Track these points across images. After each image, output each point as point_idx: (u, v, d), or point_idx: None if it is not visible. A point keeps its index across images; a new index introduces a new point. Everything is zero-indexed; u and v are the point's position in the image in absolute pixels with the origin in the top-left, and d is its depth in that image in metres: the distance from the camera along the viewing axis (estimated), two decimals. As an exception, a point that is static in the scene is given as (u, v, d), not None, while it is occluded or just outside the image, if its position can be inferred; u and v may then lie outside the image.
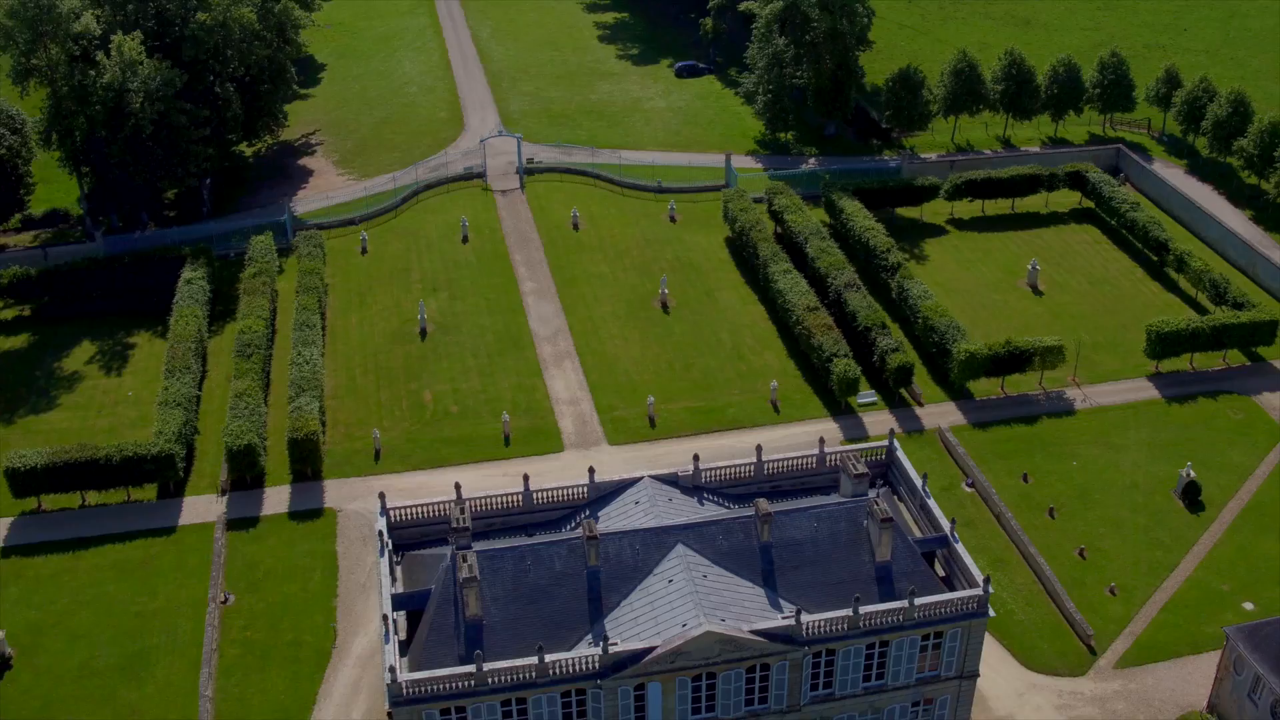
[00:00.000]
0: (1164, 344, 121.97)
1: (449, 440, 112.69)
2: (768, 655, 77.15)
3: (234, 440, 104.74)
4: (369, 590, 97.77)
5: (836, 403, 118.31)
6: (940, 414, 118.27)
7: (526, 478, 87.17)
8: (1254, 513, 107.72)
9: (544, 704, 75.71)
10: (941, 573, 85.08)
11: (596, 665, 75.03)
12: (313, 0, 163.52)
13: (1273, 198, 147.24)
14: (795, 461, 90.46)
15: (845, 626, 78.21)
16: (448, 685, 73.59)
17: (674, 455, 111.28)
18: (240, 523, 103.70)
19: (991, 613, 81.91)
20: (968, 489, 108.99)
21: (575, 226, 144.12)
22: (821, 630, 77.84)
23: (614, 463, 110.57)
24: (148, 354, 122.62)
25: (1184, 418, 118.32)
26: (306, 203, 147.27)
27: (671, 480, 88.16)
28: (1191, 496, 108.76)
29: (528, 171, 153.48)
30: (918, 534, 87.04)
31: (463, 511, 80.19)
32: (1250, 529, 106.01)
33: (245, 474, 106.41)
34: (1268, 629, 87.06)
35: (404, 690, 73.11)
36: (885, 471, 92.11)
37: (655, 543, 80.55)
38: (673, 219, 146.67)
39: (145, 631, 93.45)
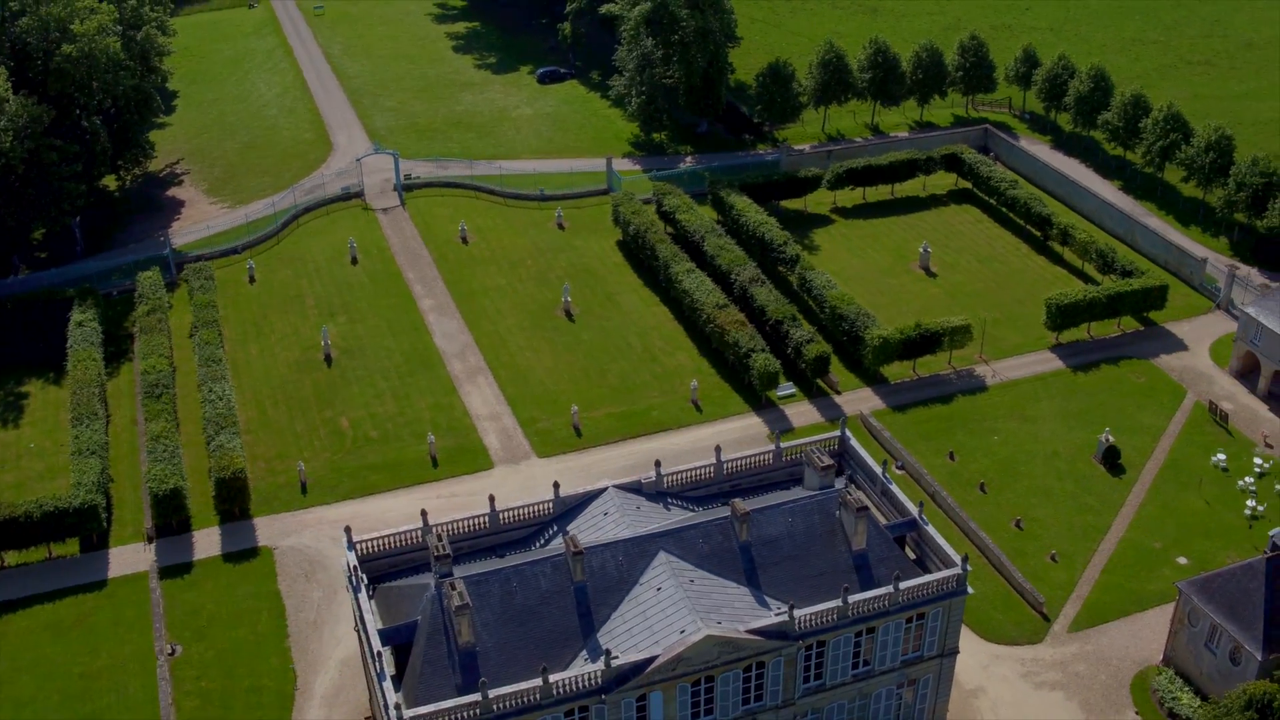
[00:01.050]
0: (1063, 315, 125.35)
1: (375, 466, 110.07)
2: (764, 653, 76.94)
3: (159, 485, 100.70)
4: (321, 628, 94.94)
5: (757, 397, 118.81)
6: (858, 400, 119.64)
7: (492, 498, 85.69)
8: (1171, 471, 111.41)
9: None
10: (912, 555, 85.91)
11: (600, 680, 73.88)
12: (167, 26, 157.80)
13: (1140, 167, 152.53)
14: (754, 459, 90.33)
15: (835, 617, 78.43)
16: (454, 717, 71.60)
17: (606, 463, 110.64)
18: (173, 570, 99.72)
19: (970, 590, 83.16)
20: (898, 471, 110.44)
21: (464, 240, 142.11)
22: (813, 623, 77.89)
23: (546, 475, 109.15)
24: (44, 402, 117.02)
25: (1090, 385, 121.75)
26: (183, 234, 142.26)
27: (635, 488, 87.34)
28: (1112, 460, 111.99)
29: (406, 188, 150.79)
30: (881, 520, 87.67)
31: (440, 539, 78.14)
32: (1170, 487, 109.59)
33: (172, 519, 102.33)
34: (1219, 580, 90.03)
35: (409, 723, 70.91)
36: (839, 461, 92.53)
37: (637, 552, 79.64)
38: (561, 226, 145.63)
39: (93, 693, 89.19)
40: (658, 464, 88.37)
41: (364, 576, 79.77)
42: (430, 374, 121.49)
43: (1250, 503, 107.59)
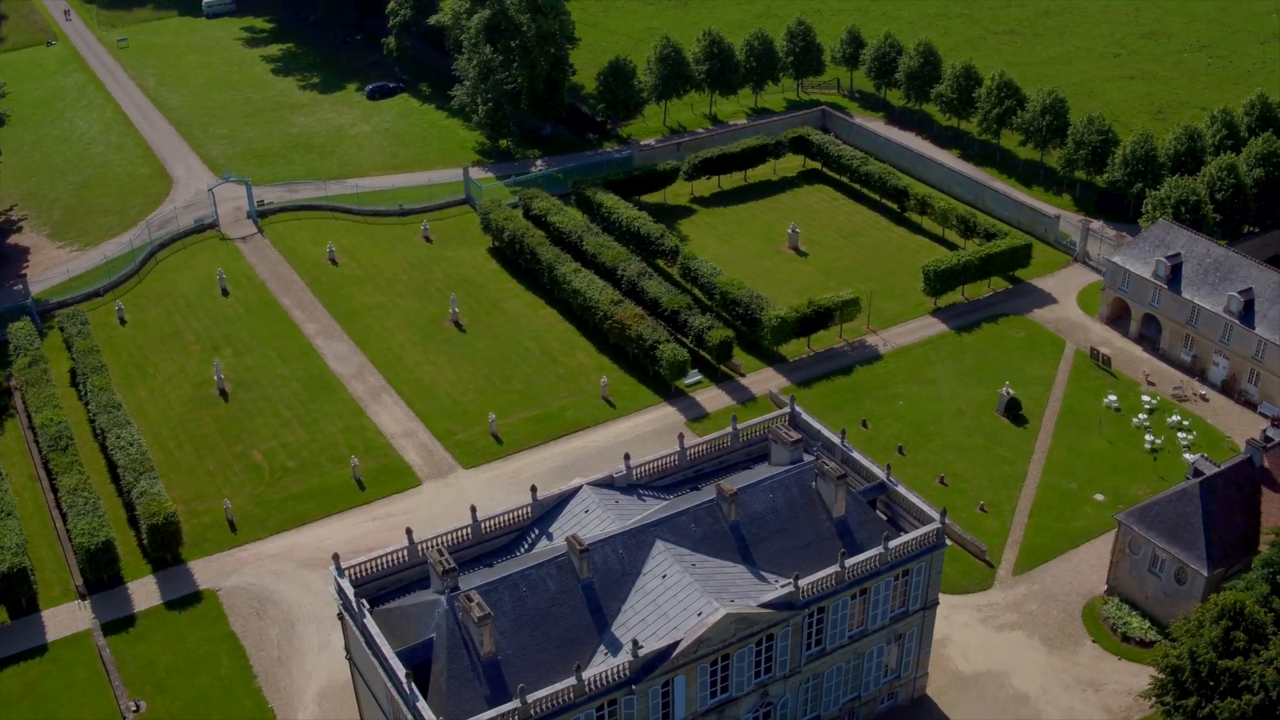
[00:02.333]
0: (940, 280, 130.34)
1: (300, 496, 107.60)
2: (774, 625, 78.46)
3: (89, 539, 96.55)
4: (287, 663, 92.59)
5: (665, 387, 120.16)
6: (763, 380, 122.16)
7: (474, 509, 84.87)
8: (1069, 416, 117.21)
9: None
10: (884, 516, 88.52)
11: (628, 672, 74.27)
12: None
13: (976, 135, 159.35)
14: (714, 443, 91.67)
15: (835, 582, 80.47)
16: (497, 732, 71.02)
17: (533, 467, 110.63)
18: (116, 625, 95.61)
19: (947, 542, 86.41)
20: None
21: (333, 261, 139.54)
22: (816, 590, 79.75)
23: (477, 485, 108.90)
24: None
25: (976, 344, 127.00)
26: (39, 281, 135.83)
27: (608, 484, 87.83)
28: (1014, 412, 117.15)
29: (261, 214, 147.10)
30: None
31: (441, 554, 77.28)
32: (1072, 431, 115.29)
33: (104, 573, 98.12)
34: (1155, 509, 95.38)
35: (450, 747, 69.99)
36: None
37: (635, 543, 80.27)
38: (428, 239, 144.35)
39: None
40: (626, 457, 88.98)
41: (365, 602, 78.07)
42: (332, 398, 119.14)
43: (1149, 437, 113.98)
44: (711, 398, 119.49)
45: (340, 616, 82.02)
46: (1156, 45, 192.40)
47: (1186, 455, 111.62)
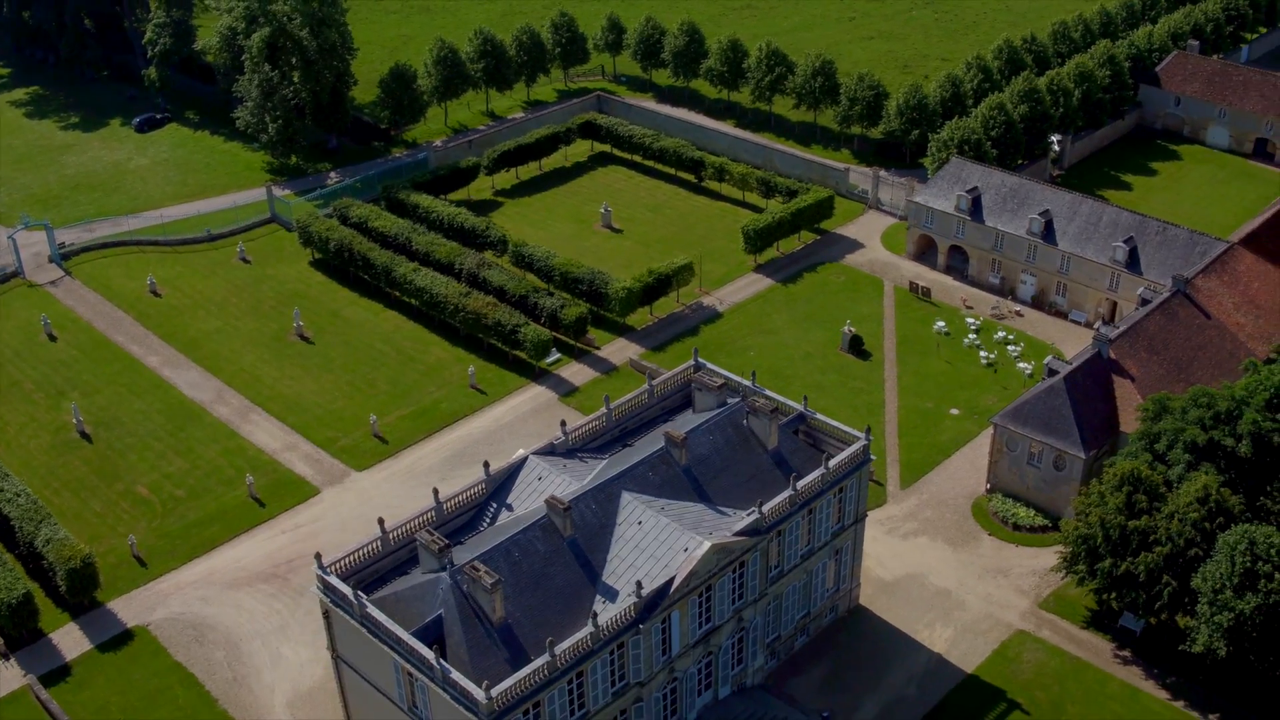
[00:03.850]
0: (759, 238, 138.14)
1: (201, 522, 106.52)
2: (746, 552, 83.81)
3: (7, 594, 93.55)
4: (244, 682, 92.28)
5: (528, 369, 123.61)
6: (619, 350, 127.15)
7: (436, 491, 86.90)
8: (907, 345, 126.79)
9: (598, 668, 77.77)
10: (808, 443, 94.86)
11: (634, 613, 78.21)
12: None
13: (748, 104, 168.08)
14: (633, 402, 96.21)
15: (789, 504, 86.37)
16: (530, 683, 73.85)
17: (426, 460, 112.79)
18: (53, 676, 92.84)
19: (873, 457, 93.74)
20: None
21: (155, 293, 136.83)
22: (775, 515, 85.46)
23: (376, 484, 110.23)
24: None
25: (803, 292, 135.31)
26: None
27: (549, 451, 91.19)
28: (857, 348, 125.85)
29: (64, 256, 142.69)
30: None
31: (432, 534, 79.53)
32: (913, 357, 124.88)
33: (25, 628, 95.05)
34: (1026, 407, 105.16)
35: (496, 706, 72.40)
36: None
37: (604, 497, 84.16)
38: (245, 260, 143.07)
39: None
40: (563, 424, 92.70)
41: (362, 594, 79.33)
42: (200, 424, 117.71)
43: (982, 354, 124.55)
44: (575, 373, 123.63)
45: (326, 615, 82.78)
46: (885, 6, 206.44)
47: (1020, 364, 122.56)
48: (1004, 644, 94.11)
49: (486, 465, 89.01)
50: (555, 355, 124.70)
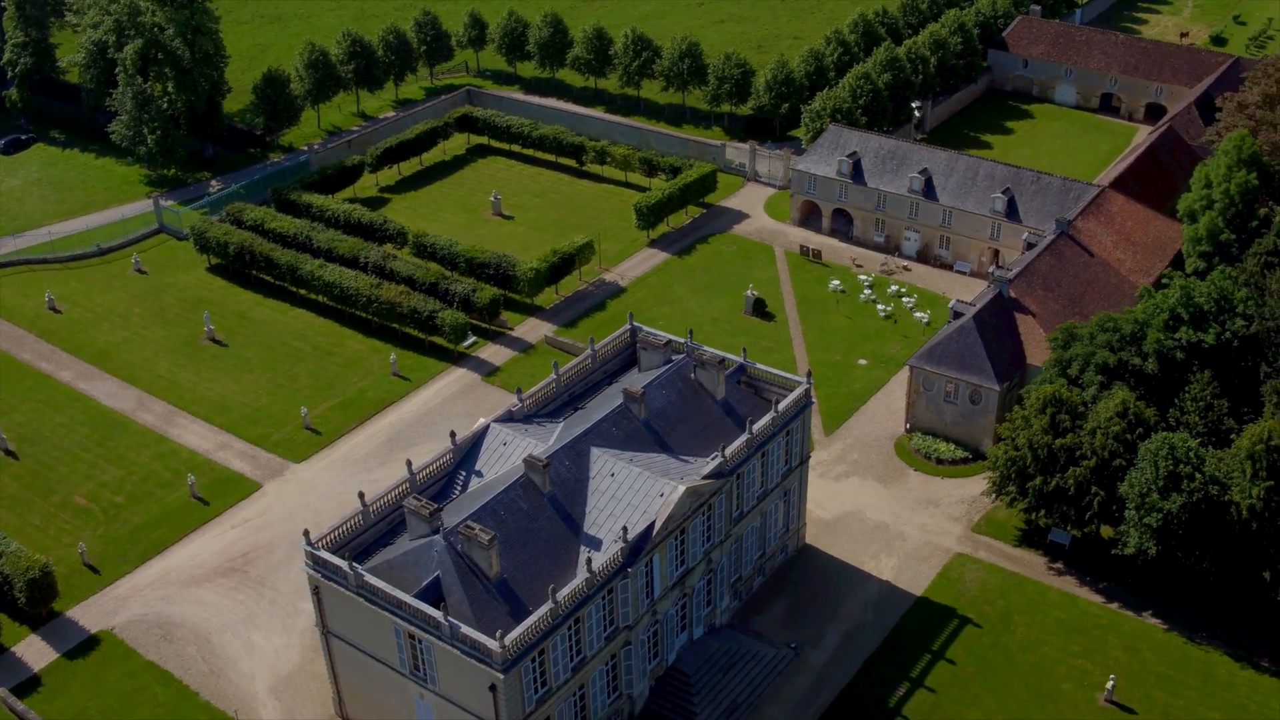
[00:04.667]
0: (651, 214, 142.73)
1: (147, 525, 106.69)
2: (714, 494, 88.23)
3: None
4: (223, 673, 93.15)
5: (448, 353, 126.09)
6: (530, 330, 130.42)
7: (409, 462, 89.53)
8: (806, 305, 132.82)
9: (593, 614, 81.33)
10: (750, 391, 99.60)
11: (622, 558, 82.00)
12: None
13: (616, 90, 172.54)
14: (578, 368, 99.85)
15: (747, 448, 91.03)
16: (537, 630, 77.06)
17: (362, 446, 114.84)
18: (24, 688, 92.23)
19: (814, 400, 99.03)
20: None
21: (55, 310, 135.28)
22: (736, 458, 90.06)
23: (315, 474, 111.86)
24: None
25: (699, 263, 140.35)
26: None
27: (509, 418, 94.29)
28: (761, 310, 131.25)
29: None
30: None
31: (419, 500, 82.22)
32: (815, 315, 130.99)
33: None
34: (939, 348, 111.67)
35: (510, 654, 75.39)
36: (633, 347, 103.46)
37: (575, 453, 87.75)
38: (141, 271, 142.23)
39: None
40: (519, 391, 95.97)
41: (356, 564, 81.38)
42: (126, 432, 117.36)
43: (879, 307, 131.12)
44: (493, 354, 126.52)
45: (316, 591, 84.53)
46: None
47: (917, 314, 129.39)
48: (946, 567, 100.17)
49: (453, 435, 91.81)
50: (472, 339, 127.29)
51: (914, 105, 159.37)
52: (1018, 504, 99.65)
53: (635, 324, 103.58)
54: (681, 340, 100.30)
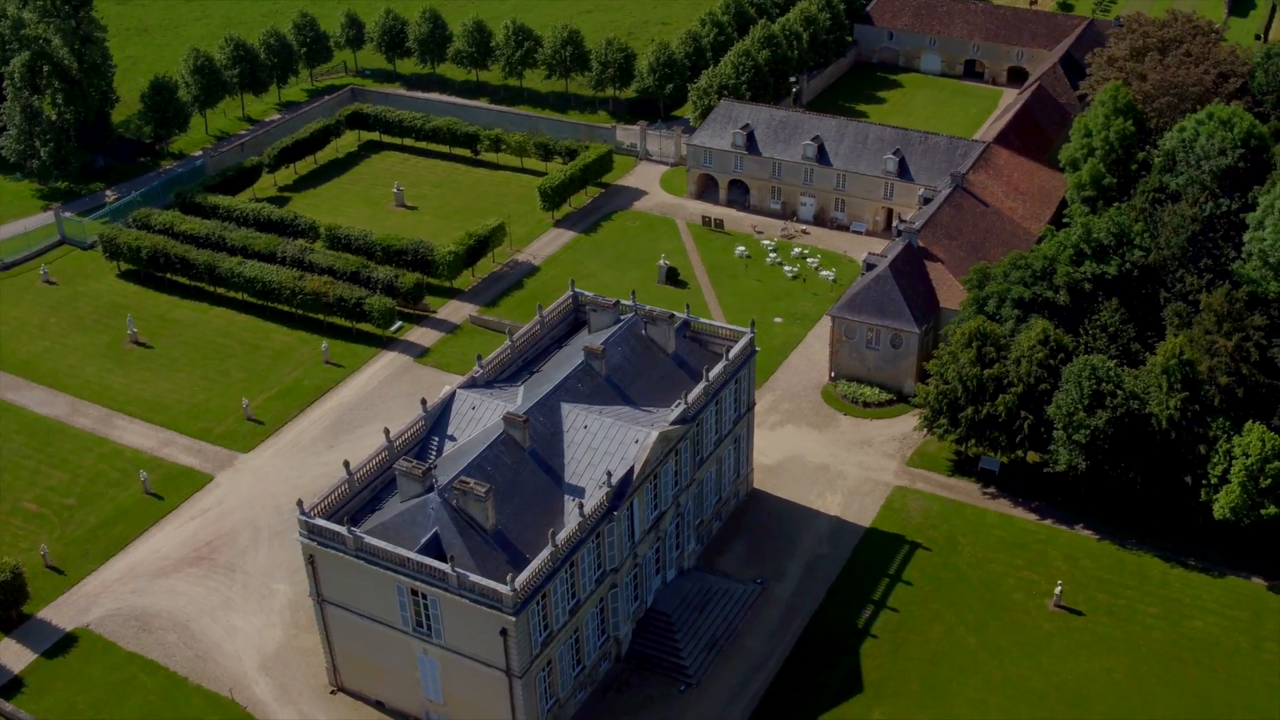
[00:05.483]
0: (555, 195, 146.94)
1: (105, 523, 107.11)
2: (680, 440, 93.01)
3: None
4: (209, 657, 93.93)
5: (376, 339, 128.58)
6: (455, 310, 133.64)
7: (387, 430, 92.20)
8: (716, 271, 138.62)
9: (585, 557, 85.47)
10: (696, 345, 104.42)
11: (607, 503, 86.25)
12: None
13: (498, 81, 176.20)
14: (530, 333, 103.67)
15: (705, 394, 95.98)
16: (542, 573, 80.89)
17: (308, 431, 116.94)
18: (8, 689, 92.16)
19: (758, 349, 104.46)
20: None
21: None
22: (697, 404, 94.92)
23: (264, 461, 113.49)
24: None
25: (607, 239, 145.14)
26: None
27: (472, 384, 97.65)
28: (674, 278, 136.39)
29: None
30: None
31: (410, 462, 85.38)
32: (726, 280, 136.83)
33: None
34: (859, 298, 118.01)
35: (520, 596, 79.08)
36: (577, 312, 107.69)
37: (547, 409, 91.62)
38: (50, 282, 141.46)
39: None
40: (479, 358, 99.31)
41: (354, 528, 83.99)
42: (64, 437, 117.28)
43: (786, 269, 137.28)
44: (421, 336, 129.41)
45: (311, 560, 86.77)
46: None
47: (822, 273, 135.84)
48: (888, 499, 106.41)
49: (424, 402, 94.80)
50: (398, 324, 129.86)
51: (791, 80, 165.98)
52: (949, 436, 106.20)
53: (577, 290, 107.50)
54: (627, 302, 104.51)
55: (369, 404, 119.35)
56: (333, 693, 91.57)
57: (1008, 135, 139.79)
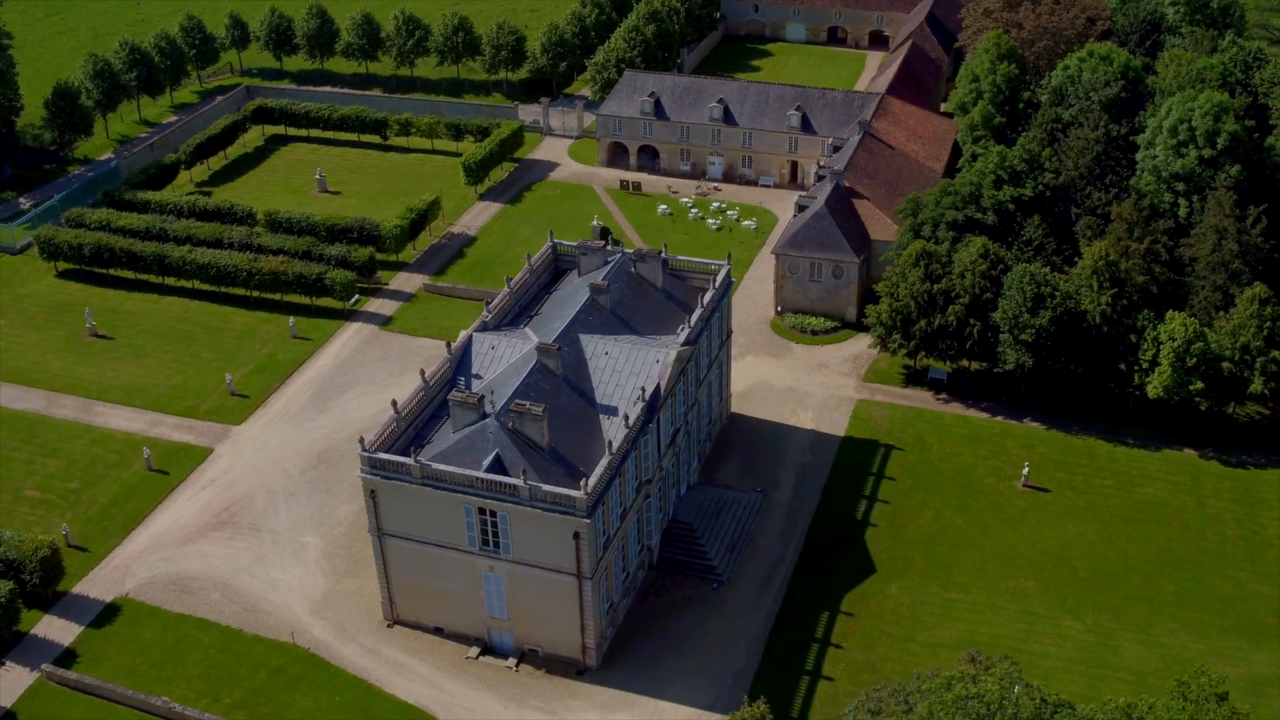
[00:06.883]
0: (479, 169, 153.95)
1: (116, 501, 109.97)
2: (689, 360, 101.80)
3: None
4: (260, 608, 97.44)
5: (336, 313, 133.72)
6: (406, 281, 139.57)
7: (423, 371, 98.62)
8: (643, 229, 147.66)
9: (630, 467, 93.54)
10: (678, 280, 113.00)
11: (644, 414, 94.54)
12: None
13: (389, 72, 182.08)
14: (523, 281, 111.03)
15: (702, 319, 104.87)
16: (605, 477, 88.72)
17: (296, 399, 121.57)
18: (64, 658, 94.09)
19: (733, 279, 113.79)
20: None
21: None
22: (698, 328, 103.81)
23: (262, 430, 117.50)
24: None
25: (532, 207, 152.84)
26: None
27: (484, 327, 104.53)
28: (607, 237, 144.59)
29: None
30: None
31: (462, 391, 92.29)
32: (654, 235, 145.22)
33: (6, 629, 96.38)
34: (800, 235, 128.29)
35: (592, 498, 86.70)
36: (556, 261, 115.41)
37: (568, 340, 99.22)
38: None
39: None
40: (487, 303, 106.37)
41: (420, 459, 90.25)
42: (48, 428, 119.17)
43: (710, 222, 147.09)
44: (380, 306, 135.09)
45: (372, 494, 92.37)
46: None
47: (744, 223, 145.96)
48: (855, 411, 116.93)
49: (449, 344, 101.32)
50: (355, 297, 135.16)
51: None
52: (902, 350, 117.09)
53: (556, 240, 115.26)
54: (604, 243, 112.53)
55: (347, 370, 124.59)
56: (389, 626, 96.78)
57: (896, 87, 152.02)
